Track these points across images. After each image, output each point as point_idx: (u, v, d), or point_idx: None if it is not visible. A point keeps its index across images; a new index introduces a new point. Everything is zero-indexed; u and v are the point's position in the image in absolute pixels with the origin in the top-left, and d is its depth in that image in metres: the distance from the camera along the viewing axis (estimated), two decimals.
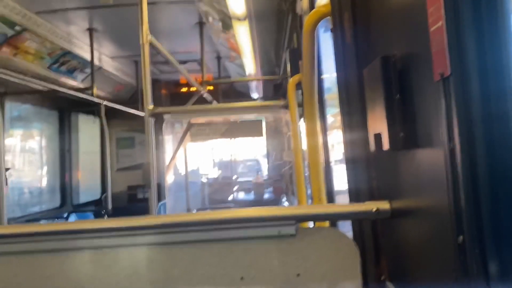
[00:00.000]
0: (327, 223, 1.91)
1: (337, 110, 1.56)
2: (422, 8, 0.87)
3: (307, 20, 1.71)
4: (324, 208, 1.58)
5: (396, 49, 1.06)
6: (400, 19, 1.05)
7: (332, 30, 1.48)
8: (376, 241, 1.32)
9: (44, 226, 1.32)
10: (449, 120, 0.79)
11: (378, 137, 1.12)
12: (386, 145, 1.07)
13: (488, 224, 0.75)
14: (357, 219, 1.39)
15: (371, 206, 1.21)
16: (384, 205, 1.21)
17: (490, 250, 0.75)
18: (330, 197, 2.54)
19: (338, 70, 1.46)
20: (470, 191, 0.76)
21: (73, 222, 1.42)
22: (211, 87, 7.99)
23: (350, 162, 1.42)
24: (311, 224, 1.90)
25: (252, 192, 9.51)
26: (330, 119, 2.84)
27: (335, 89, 1.59)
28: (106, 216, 6.32)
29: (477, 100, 0.76)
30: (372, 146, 1.18)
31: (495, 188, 0.75)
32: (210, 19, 4.37)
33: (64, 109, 7.46)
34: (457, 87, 0.77)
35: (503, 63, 0.74)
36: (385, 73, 1.05)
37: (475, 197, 0.76)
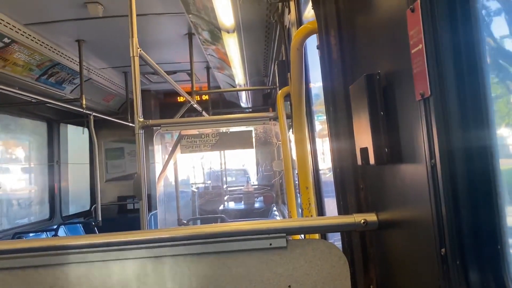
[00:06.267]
0: (317, 235, 1.94)
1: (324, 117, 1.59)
2: (404, 31, 0.91)
3: (294, 36, 1.75)
4: (314, 220, 1.61)
5: (381, 67, 1.10)
6: (384, 39, 1.09)
7: (318, 47, 1.51)
8: (365, 251, 1.36)
9: (35, 241, 1.33)
10: (430, 138, 0.83)
11: (364, 151, 1.16)
12: (372, 160, 1.11)
13: (468, 238, 0.79)
14: (346, 231, 1.42)
15: (359, 218, 1.25)
16: (372, 217, 1.24)
17: (470, 262, 0.80)
18: (320, 206, 2.57)
19: (325, 86, 1.50)
20: (451, 206, 0.80)
21: (64, 237, 1.43)
22: (203, 97, 8.03)
23: (338, 175, 1.46)
24: (301, 236, 1.93)
25: (243, 201, 9.49)
26: (319, 126, 2.87)
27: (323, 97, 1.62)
28: (96, 228, 6.27)
29: (456, 119, 0.80)
30: (359, 160, 1.21)
31: (475, 203, 0.79)
32: (199, 30, 4.40)
33: (53, 120, 7.42)
34: (437, 107, 0.82)
35: (479, 86, 0.79)
36: (369, 91, 1.09)
37: (455, 212, 0.80)
